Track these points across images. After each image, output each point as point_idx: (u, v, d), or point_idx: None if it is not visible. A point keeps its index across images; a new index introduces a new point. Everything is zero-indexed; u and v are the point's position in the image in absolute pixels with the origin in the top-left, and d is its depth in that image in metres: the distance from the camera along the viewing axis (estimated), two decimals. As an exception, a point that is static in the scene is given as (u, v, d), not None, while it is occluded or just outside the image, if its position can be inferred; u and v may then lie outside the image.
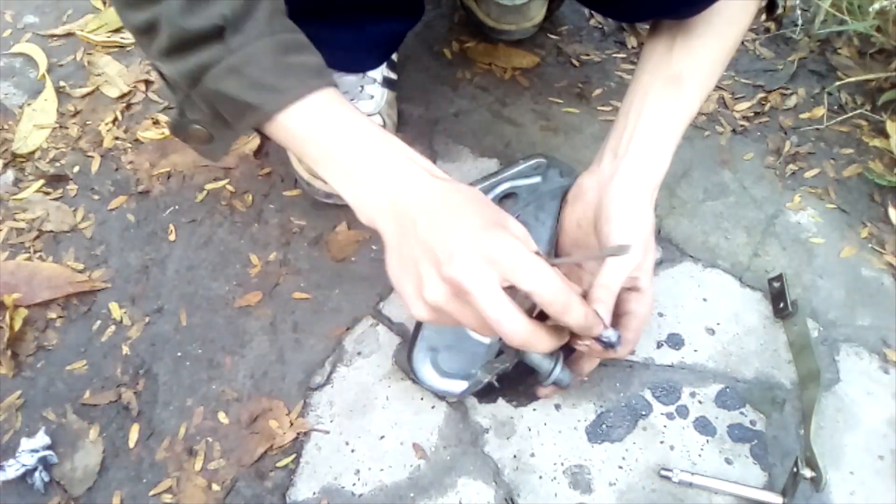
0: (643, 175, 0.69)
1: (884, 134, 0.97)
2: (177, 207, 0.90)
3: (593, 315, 0.55)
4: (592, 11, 1.13)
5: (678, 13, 0.68)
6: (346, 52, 0.87)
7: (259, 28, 0.55)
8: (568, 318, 0.53)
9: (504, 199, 0.83)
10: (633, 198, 0.68)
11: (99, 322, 0.81)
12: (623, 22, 1.09)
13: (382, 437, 0.73)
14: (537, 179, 0.82)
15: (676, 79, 0.69)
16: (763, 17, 0.72)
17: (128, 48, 1.08)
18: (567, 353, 0.70)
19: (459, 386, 0.72)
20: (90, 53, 1.07)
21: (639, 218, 0.67)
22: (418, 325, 0.76)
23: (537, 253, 0.52)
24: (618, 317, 0.68)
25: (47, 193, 0.92)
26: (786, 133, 0.99)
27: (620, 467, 0.71)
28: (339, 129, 0.56)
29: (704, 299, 0.83)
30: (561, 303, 0.52)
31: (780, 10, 0.71)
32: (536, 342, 0.53)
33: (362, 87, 0.89)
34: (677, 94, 0.69)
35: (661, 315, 0.81)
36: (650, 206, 0.69)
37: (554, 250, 0.77)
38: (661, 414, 0.75)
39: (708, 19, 0.68)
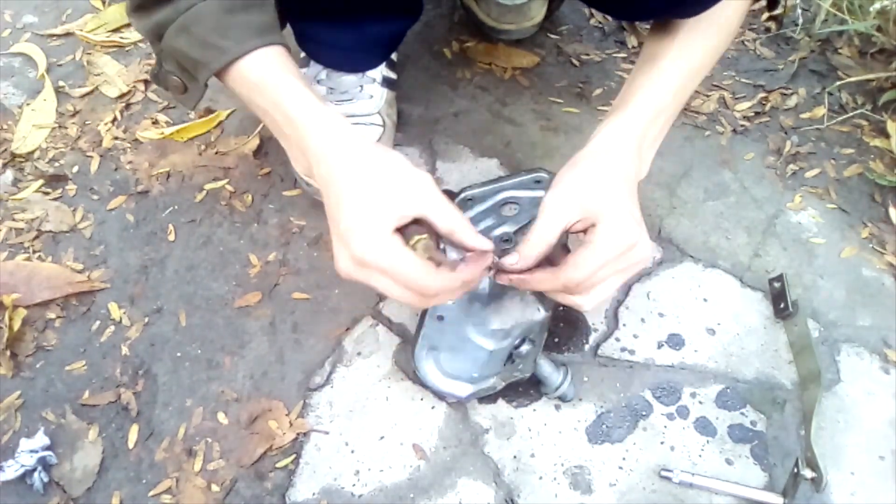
0: (606, 147, 0.67)
1: (884, 134, 0.97)
2: (176, 207, 0.90)
3: (473, 272, 0.61)
4: (594, 10, 1.13)
5: (685, 11, 0.68)
6: (346, 52, 0.87)
7: None
8: (446, 299, 0.62)
9: (505, 205, 0.83)
10: (587, 165, 0.65)
11: (98, 322, 0.81)
12: (630, 21, 1.09)
13: (382, 438, 0.73)
14: (540, 193, 0.82)
15: (652, 57, 0.70)
16: (764, 12, 0.72)
17: (127, 48, 1.08)
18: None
19: (464, 389, 0.72)
20: (89, 53, 1.07)
21: (581, 178, 0.64)
22: (419, 326, 0.76)
23: (416, 240, 0.58)
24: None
25: (46, 193, 0.91)
26: (786, 133, 0.99)
27: (621, 468, 0.71)
28: (268, 90, 0.61)
29: (705, 299, 0.83)
30: (429, 294, 0.59)
31: (780, 9, 0.71)
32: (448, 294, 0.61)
33: (362, 86, 0.89)
34: (649, 71, 0.69)
35: (661, 315, 0.81)
36: (610, 172, 0.65)
37: None
38: (662, 414, 0.74)
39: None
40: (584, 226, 0.63)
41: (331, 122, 0.61)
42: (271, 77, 0.61)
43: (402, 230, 0.58)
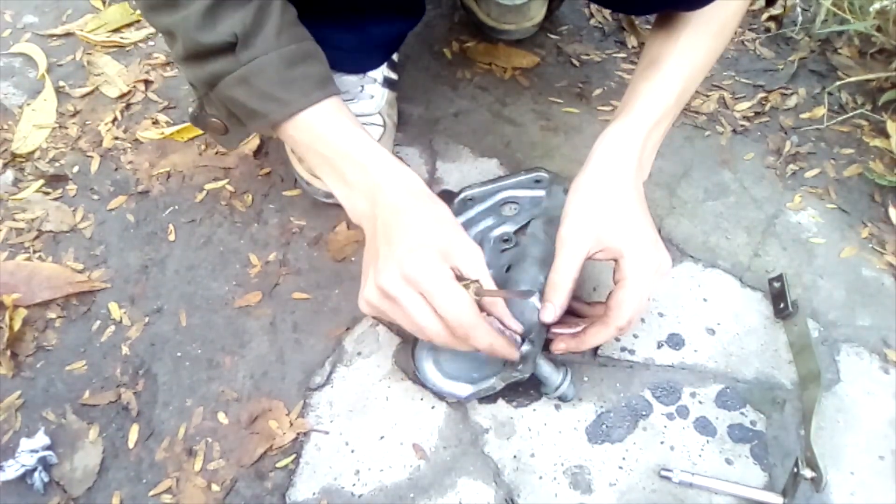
0: (610, 159, 0.68)
1: (884, 134, 0.97)
2: (176, 207, 0.90)
3: (502, 343, 0.63)
4: (594, 10, 1.13)
5: (690, 4, 0.68)
6: (347, 53, 0.87)
7: (267, 42, 0.60)
8: (474, 343, 0.61)
9: (505, 205, 0.83)
10: (593, 183, 0.67)
11: (98, 322, 0.81)
12: (633, 14, 1.09)
13: (382, 438, 0.73)
14: (541, 193, 0.82)
15: (653, 62, 0.70)
16: (764, 11, 0.72)
17: (127, 48, 1.08)
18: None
19: (464, 389, 0.72)
20: (90, 53, 1.07)
21: (590, 199, 0.66)
22: None
23: (469, 282, 0.61)
24: (606, 307, 0.68)
25: (47, 193, 0.91)
26: (786, 133, 0.99)
27: (620, 468, 0.71)
28: (335, 140, 0.63)
29: (705, 299, 0.83)
30: (465, 328, 0.59)
31: (779, 8, 0.72)
32: (454, 344, 0.61)
33: (363, 86, 0.89)
34: (652, 76, 0.69)
35: (661, 315, 0.81)
36: (616, 184, 0.67)
37: None
38: (662, 414, 0.74)
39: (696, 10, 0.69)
40: (606, 256, 0.67)
41: (404, 175, 0.63)
42: (338, 128, 0.63)
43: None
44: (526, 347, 0.70)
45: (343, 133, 0.63)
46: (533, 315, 0.73)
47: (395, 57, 0.95)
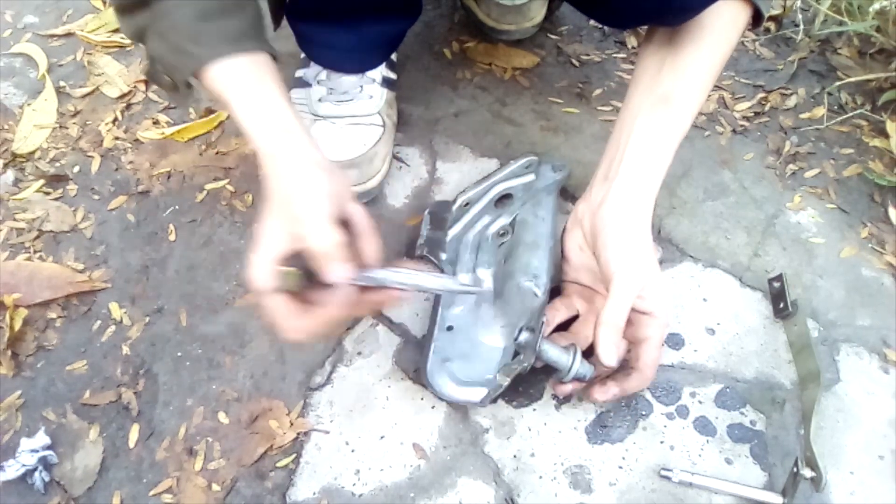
0: (635, 196, 0.68)
1: (884, 134, 0.97)
2: (177, 207, 0.90)
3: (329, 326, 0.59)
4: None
5: (663, 20, 0.68)
6: (346, 53, 0.87)
7: None
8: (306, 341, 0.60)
9: (502, 200, 0.83)
10: (626, 221, 0.67)
11: (99, 322, 0.81)
12: (611, 27, 1.09)
13: (382, 437, 0.73)
14: (531, 177, 0.82)
15: (665, 98, 0.69)
16: (749, 27, 0.72)
17: (128, 48, 1.08)
18: (586, 355, 0.70)
19: (478, 394, 0.71)
20: (90, 53, 1.07)
21: (634, 241, 0.66)
22: (429, 337, 0.75)
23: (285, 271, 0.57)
24: (632, 344, 0.68)
25: (47, 193, 0.92)
26: (786, 133, 0.99)
27: (620, 467, 0.71)
28: (235, 102, 0.60)
29: (704, 299, 0.83)
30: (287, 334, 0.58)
31: (765, 21, 0.71)
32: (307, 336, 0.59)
33: (361, 87, 0.89)
34: (666, 114, 0.69)
35: (661, 315, 0.81)
36: (645, 226, 0.68)
37: (558, 247, 0.77)
38: (661, 414, 0.75)
39: (697, 35, 0.67)
40: (643, 308, 0.66)
41: (289, 147, 0.59)
42: (240, 90, 0.60)
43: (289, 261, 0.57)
44: (525, 336, 0.68)
45: (244, 95, 0.59)
46: (533, 302, 0.72)
47: (393, 57, 0.95)
